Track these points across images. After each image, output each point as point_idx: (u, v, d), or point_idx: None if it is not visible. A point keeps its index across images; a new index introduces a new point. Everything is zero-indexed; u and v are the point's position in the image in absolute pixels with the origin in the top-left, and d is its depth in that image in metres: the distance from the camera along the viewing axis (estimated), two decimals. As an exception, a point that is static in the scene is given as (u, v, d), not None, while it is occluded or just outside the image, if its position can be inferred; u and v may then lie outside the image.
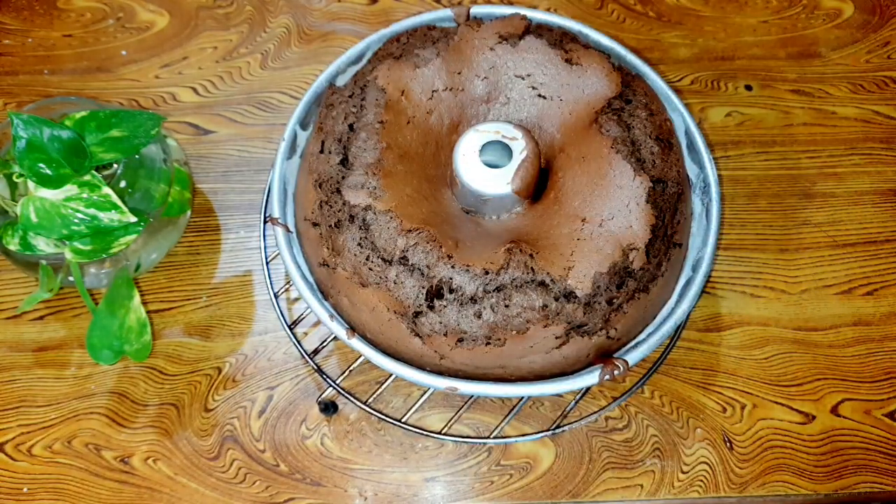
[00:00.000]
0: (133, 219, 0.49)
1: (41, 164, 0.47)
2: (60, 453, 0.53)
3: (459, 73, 0.52)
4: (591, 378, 0.46)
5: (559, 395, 0.55)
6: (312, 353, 0.52)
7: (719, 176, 0.52)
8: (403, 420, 0.51)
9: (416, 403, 0.52)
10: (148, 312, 0.55)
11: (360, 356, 0.48)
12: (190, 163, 0.61)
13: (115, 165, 0.51)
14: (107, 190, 0.48)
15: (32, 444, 0.53)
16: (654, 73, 0.54)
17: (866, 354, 0.57)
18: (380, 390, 0.52)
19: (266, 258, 0.55)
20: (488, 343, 0.45)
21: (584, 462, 0.53)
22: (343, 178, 0.48)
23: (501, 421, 0.52)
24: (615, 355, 0.47)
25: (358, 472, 0.53)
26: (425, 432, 0.51)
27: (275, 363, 0.56)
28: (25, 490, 0.52)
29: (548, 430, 0.51)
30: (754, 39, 0.70)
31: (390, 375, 0.53)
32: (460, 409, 0.52)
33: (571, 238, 0.46)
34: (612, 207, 0.46)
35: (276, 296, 0.54)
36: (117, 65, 0.67)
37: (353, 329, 0.48)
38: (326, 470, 0.53)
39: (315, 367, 0.52)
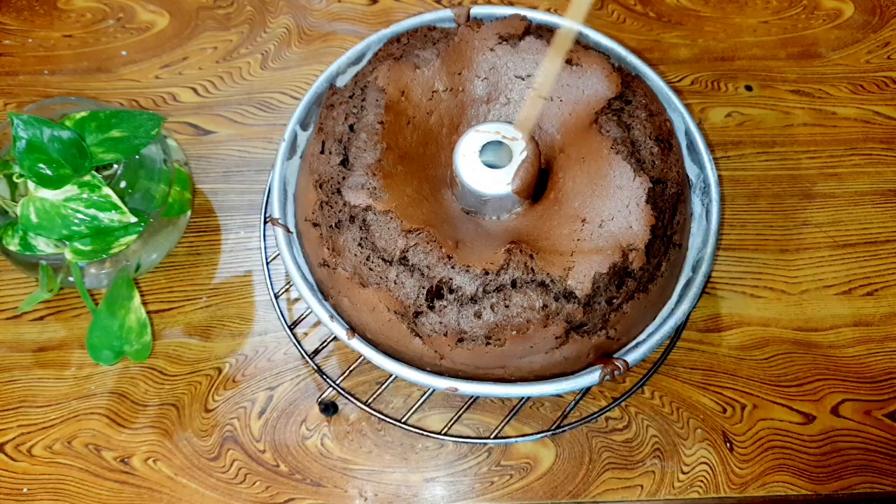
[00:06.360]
0: (133, 219, 0.49)
1: (41, 165, 0.47)
2: (60, 454, 0.53)
3: (460, 74, 0.52)
4: (591, 378, 0.46)
5: (559, 396, 0.55)
6: (313, 353, 0.52)
7: (719, 176, 0.52)
8: (403, 420, 0.51)
9: (416, 404, 0.52)
10: (148, 313, 0.55)
11: (360, 356, 0.48)
12: (190, 163, 0.61)
13: (116, 166, 0.51)
14: (107, 190, 0.48)
15: (32, 444, 0.53)
16: (654, 74, 0.54)
17: (866, 355, 0.57)
18: (380, 391, 0.52)
19: (266, 258, 0.55)
20: (488, 343, 0.45)
21: (585, 462, 0.53)
22: (343, 178, 0.48)
23: (502, 421, 0.52)
24: (615, 355, 0.47)
25: (358, 473, 0.53)
26: (425, 433, 0.51)
27: (275, 363, 0.56)
28: (25, 490, 0.52)
29: (548, 430, 0.51)
30: (754, 40, 0.70)
31: (390, 376, 0.53)
32: (460, 409, 0.52)
33: (571, 238, 0.46)
34: (612, 208, 0.46)
35: (276, 296, 0.54)
36: (117, 65, 0.67)
37: (353, 329, 0.48)
38: (326, 470, 0.53)
39: (315, 367, 0.52)
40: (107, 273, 0.55)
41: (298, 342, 0.53)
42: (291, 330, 0.53)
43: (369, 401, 0.51)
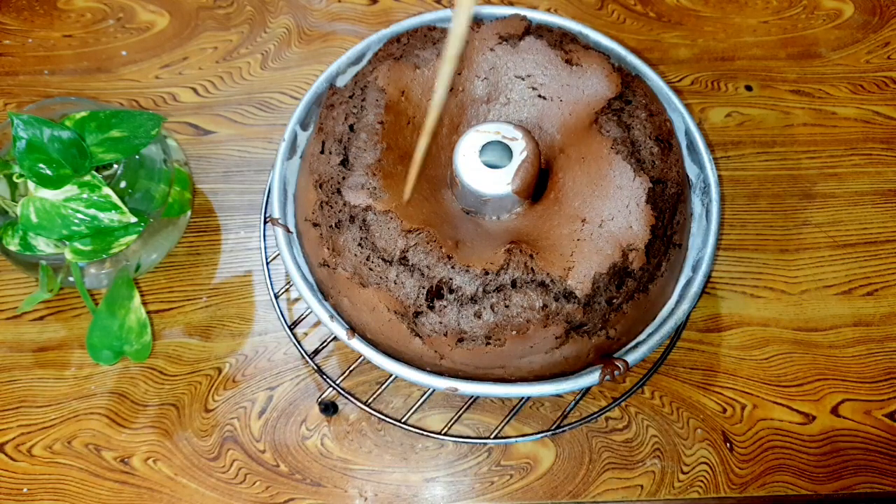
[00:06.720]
0: (133, 219, 0.49)
1: (41, 165, 0.47)
2: (60, 454, 0.53)
3: (459, 74, 0.52)
4: (591, 378, 0.46)
5: (559, 396, 0.55)
6: (313, 353, 0.52)
7: (719, 176, 0.52)
8: (403, 420, 0.51)
9: (416, 404, 0.52)
10: (148, 313, 0.55)
11: (360, 356, 0.48)
12: (190, 163, 0.61)
13: (116, 166, 0.51)
14: (107, 190, 0.48)
15: (32, 444, 0.53)
16: (654, 74, 0.54)
17: (866, 355, 0.57)
18: (380, 391, 0.52)
19: (266, 258, 0.55)
20: (488, 343, 0.45)
21: (585, 462, 0.53)
22: (343, 178, 0.48)
23: (502, 421, 0.52)
24: (615, 355, 0.47)
25: (358, 473, 0.53)
26: (425, 433, 0.51)
27: (275, 363, 0.56)
28: (25, 490, 0.52)
29: (548, 430, 0.51)
30: (754, 40, 0.70)
31: (390, 376, 0.53)
32: (460, 409, 0.52)
33: (571, 238, 0.46)
34: (612, 208, 0.46)
35: (276, 296, 0.54)
36: (117, 65, 0.67)
37: (353, 329, 0.48)
38: (326, 470, 0.53)
39: (315, 367, 0.52)
40: (107, 273, 0.55)
41: (298, 342, 0.53)
42: (291, 330, 0.53)
43: (369, 401, 0.51)
